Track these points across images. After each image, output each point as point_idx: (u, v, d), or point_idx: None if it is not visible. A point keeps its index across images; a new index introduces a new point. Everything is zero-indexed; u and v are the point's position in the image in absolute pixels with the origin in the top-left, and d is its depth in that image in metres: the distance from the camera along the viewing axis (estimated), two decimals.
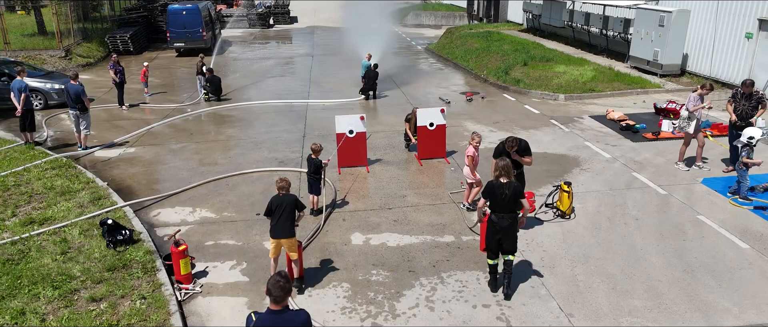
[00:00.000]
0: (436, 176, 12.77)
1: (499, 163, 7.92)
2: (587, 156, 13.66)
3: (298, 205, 8.00)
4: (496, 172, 7.88)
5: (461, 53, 28.12)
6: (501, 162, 7.92)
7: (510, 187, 7.76)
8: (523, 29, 33.84)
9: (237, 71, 26.81)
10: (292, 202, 7.92)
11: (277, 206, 7.88)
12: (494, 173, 7.94)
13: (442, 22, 44.59)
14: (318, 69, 26.96)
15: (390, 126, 16.74)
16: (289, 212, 7.88)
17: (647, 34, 20.99)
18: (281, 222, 7.86)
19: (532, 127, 16.11)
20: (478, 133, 10.71)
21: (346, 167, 13.31)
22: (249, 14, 42.89)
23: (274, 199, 7.97)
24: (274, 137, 15.83)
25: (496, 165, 7.93)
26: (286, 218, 7.87)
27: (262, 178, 12.91)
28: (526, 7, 32.37)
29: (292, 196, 8.01)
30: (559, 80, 20.44)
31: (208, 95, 20.45)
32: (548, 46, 27.29)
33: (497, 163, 7.95)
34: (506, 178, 7.81)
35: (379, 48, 24.91)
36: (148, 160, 14.17)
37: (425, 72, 25.76)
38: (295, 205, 7.96)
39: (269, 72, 26.36)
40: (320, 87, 22.70)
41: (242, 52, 33.11)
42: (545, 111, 17.80)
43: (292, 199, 7.96)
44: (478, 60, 25.87)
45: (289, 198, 7.94)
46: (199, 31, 31.24)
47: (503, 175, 7.81)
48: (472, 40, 30.41)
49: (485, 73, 23.51)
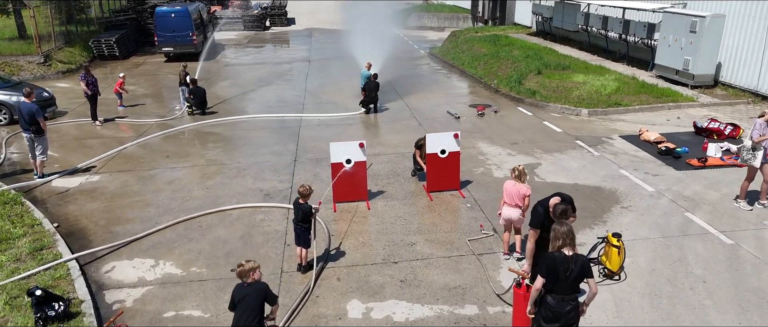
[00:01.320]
0: (449, 215, 10.59)
1: (560, 229, 5.77)
2: (626, 189, 11.47)
3: (268, 298, 5.77)
4: (559, 242, 5.74)
5: (468, 59, 25.93)
6: (562, 227, 5.78)
7: (576, 262, 5.64)
8: (531, 33, 31.63)
9: (227, 79, 24.61)
10: (259, 293, 5.70)
11: (241, 299, 5.68)
12: (555, 244, 5.79)
13: (445, 24, 42.38)
14: (315, 76, 24.76)
15: (393, 147, 14.55)
16: (255, 307, 5.65)
17: (676, 41, 18.80)
18: (245, 320, 5.62)
19: (555, 150, 13.92)
20: (515, 167, 8.56)
21: (343, 203, 11.14)
22: (244, 16, 40.66)
23: (237, 289, 5.76)
24: (261, 162, 13.65)
25: (557, 232, 5.78)
26: (251, 316, 5.63)
27: (243, 216, 10.73)
28: (536, 10, 30.18)
29: (261, 285, 5.78)
30: (580, 92, 18.25)
31: (191, 108, 18.27)
32: (562, 51, 25.09)
33: (558, 229, 5.79)
34: (571, 249, 5.68)
35: (379, 52, 22.77)
36: (112, 192, 11.98)
37: (430, 80, 23.57)
38: (264, 297, 5.73)
39: (262, 80, 24.16)
40: (316, 98, 20.52)
41: (235, 57, 30.90)
42: (568, 129, 15.61)
43: (260, 290, 5.72)
44: (487, 67, 23.68)
45: (257, 288, 5.72)
46: (189, 35, 29.04)
47: (567, 244, 5.69)
48: (479, 44, 28.21)
49: (496, 83, 21.32)
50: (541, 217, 7.26)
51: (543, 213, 7.24)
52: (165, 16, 28.93)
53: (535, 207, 7.40)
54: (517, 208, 8.48)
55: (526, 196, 8.48)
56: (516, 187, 8.42)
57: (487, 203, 10.98)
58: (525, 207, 8.49)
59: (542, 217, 7.25)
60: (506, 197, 8.50)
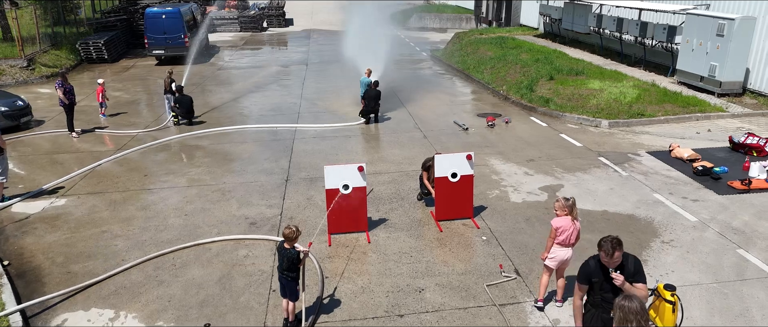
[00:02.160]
0: (462, 251, 9.05)
1: (630, 306, 4.33)
2: (664, 218, 9.93)
3: None
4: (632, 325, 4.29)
5: (473, 63, 24.38)
6: (633, 304, 4.33)
7: None
8: (538, 34, 30.08)
9: (220, 84, 23.07)
10: None
11: None
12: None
13: (448, 25, 40.84)
14: (312, 81, 23.21)
15: (396, 164, 13.01)
16: None
17: (700, 45, 17.25)
18: None
19: (577, 169, 12.38)
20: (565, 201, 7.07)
21: (340, 234, 9.61)
22: (240, 17, 39.09)
23: None
24: (249, 182, 12.11)
25: (627, 311, 4.32)
26: None
27: (224, 251, 9.19)
28: (544, 11, 28.62)
29: None
30: (597, 100, 16.71)
31: (177, 118, 16.72)
32: (572, 55, 23.54)
33: (628, 307, 4.34)
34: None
35: (379, 55, 21.24)
36: (77, 220, 10.44)
37: (433, 86, 22.02)
38: None
39: (256, 85, 22.62)
40: (313, 105, 18.97)
41: (229, 60, 29.34)
42: (588, 143, 14.07)
43: None
44: (495, 71, 22.14)
45: None
46: (180, 38, 27.49)
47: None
48: (484, 46, 26.67)
49: (505, 89, 19.77)
50: (592, 270, 5.76)
51: (594, 266, 5.75)
52: (155, 17, 27.39)
53: (586, 261, 5.90)
54: (571, 248, 7.11)
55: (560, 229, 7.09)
56: (575, 225, 7.02)
57: (505, 236, 9.45)
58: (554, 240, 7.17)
59: (592, 270, 5.75)
60: (561, 236, 7.03)
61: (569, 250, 7.19)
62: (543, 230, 9.55)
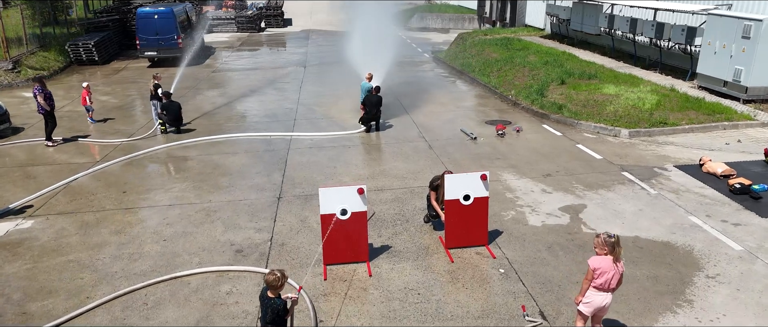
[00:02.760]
0: (477, 288, 7.83)
1: None
2: (705, 246, 8.71)
3: None
4: None
5: (479, 65, 23.14)
6: None
7: None
8: (545, 35, 28.84)
9: (213, 87, 21.84)
10: None
11: None
12: None
13: (450, 26, 39.60)
14: (310, 85, 21.98)
15: (400, 179, 11.78)
16: None
17: (724, 48, 16.02)
18: None
19: (600, 185, 11.14)
20: (607, 238, 5.87)
21: (337, 265, 8.39)
22: (238, 17, 37.84)
23: None
24: (237, 200, 10.88)
25: None
26: None
27: (204, 286, 7.98)
28: (551, 11, 27.37)
29: None
30: (614, 107, 15.48)
31: (164, 126, 15.49)
32: (583, 57, 22.30)
33: None
34: None
35: (380, 56, 20.05)
36: (43, 247, 9.21)
37: (437, 90, 20.79)
38: None
39: (251, 89, 21.39)
40: (310, 111, 17.74)
41: (225, 61, 28.10)
42: (609, 155, 12.84)
43: None
44: (501, 75, 20.91)
45: None
46: (173, 39, 26.26)
47: None
48: (490, 48, 25.44)
49: (514, 94, 18.54)
50: None
51: None
52: (147, 17, 26.15)
53: None
54: (611, 293, 5.93)
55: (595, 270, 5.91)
56: (617, 267, 5.86)
57: (525, 268, 8.23)
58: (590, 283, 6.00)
59: None
60: (600, 279, 5.84)
61: (608, 296, 6.00)
62: (568, 261, 8.34)
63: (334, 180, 11.74)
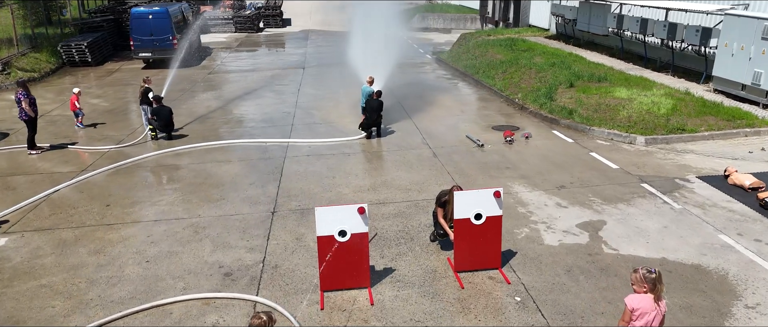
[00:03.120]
0: (492, 319, 6.99)
1: None
2: (740, 270, 7.87)
3: None
4: None
5: (483, 66, 22.32)
6: None
7: None
8: (550, 36, 28.00)
9: (209, 89, 21.02)
10: None
11: None
12: None
13: (452, 26, 38.76)
14: (308, 87, 21.15)
15: (403, 191, 10.96)
16: None
17: (742, 49, 15.19)
18: None
19: (619, 199, 10.31)
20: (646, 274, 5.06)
21: (334, 292, 7.57)
22: (235, 17, 36.99)
23: None
24: (228, 214, 10.06)
25: None
26: None
27: (188, 316, 7.14)
28: (556, 11, 26.53)
29: None
30: (628, 112, 14.65)
31: (155, 133, 14.67)
32: (590, 58, 21.47)
33: None
34: None
35: (380, 57, 19.23)
36: (14, 268, 8.38)
37: (441, 92, 19.97)
38: None
39: (248, 91, 20.57)
40: (309, 115, 16.92)
41: (221, 63, 27.27)
42: (626, 164, 12.01)
43: None
44: (507, 77, 20.08)
45: None
46: (168, 39, 25.41)
47: None
48: (494, 49, 24.62)
49: (521, 97, 17.71)
50: None
51: None
52: (141, 17, 25.31)
53: None
54: None
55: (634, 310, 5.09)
56: (659, 307, 5.05)
57: (544, 295, 7.40)
58: None
59: None
60: (639, 321, 5.05)
61: None
62: (590, 287, 7.51)
63: (333, 192, 10.92)
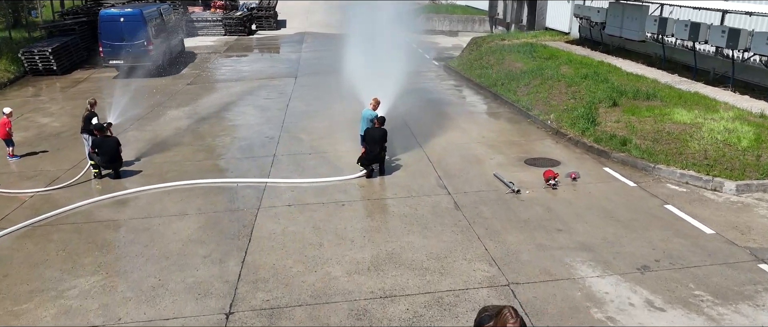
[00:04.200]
0: None
1: None
2: None
3: None
4: None
5: (501, 78, 18.97)
6: None
7: None
8: (571, 40, 24.60)
9: (183, 104, 17.67)
10: None
11: None
12: None
13: (459, 28, 35.37)
14: (299, 102, 17.82)
15: (419, 271, 7.58)
16: None
17: None
18: None
19: (737, 294, 6.90)
20: None
21: None
22: (225, 19, 33.60)
23: None
24: (160, 318, 6.70)
25: None
26: None
27: None
28: (580, 12, 23.11)
29: None
30: (699, 143, 11.27)
31: (98, 169, 11.33)
32: (626, 68, 18.07)
33: None
34: None
35: (382, 64, 15.88)
36: None
37: (454, 110, 16.65)
38: None
39: (227, 107, 17.25)
40: (296, 141, 13.59)
41: (204, 71, 23.89)
42: (723, 227, 8.61)
43: None
44: (532, 91, 16.73)
45: None
46: (143, 45, 22.05)
47: None
48: (511, 56, 21.25)
49: (554, 119, 14.36)
50: None
51: None
52: (112, 20, 21.96)
53: None
54: None
55: None
56: None
57: None
58: None
59: None
60: None
61: None
62: None
63: (319, 274, 7.57)
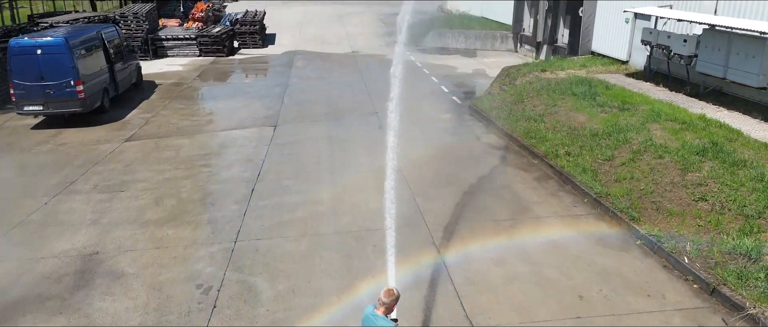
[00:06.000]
0: None
1: None
2: None
3: None
4: None
5: (563, 140, 13.03)
6: None
7: None
8: (633, 73, 18.50)
9: (91, 193, 11.61)
10: None
11: None
12: None
13: (477, 46, 29.23)
14: (272, 180, 11.77)
15: None
16: None
17: None
18: None
19: None
20: None
21: None
22: (200, 36, 27.43)
23: None
24: None
25: None
26: None
27: None
28: (652, 39, 16.93)
29: None
30: None
31: None
32: (750, 131, 12.03)
33: None
34: None
35: (386, 104, 9.92)
36: None
37: (494, 196, 10.59)
38: None
39: (159, 200, 11.21)
40: (252, 294, 7.54)
41: (151, 116, 17.73)
42: None
43: None
44: (623, 175, 10.74)
45: None
46: (70, 85, 15.99)
47: None
48: (564, 100, 15.28)
49: (691, 254, 8.30)
50: None
51: None
52: (26, 53, 15.84)
53: None
54: None
55: None
56: None
57: None
58: None
59: None
60: None
61: None
62: None
63: None
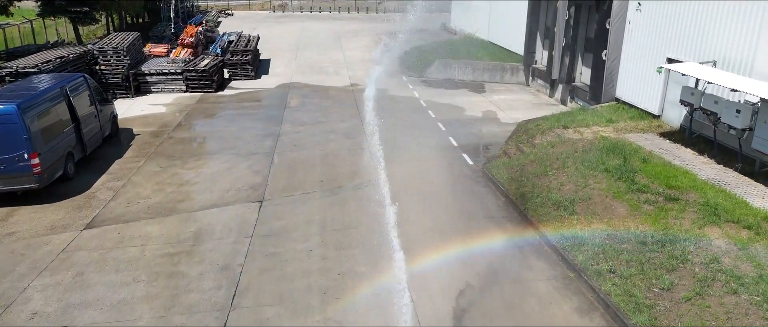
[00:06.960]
0: None
1: None
2: None
3: None
4: None
5: (602, 247, 10.62)
6: None
7: None
8: (667, 132, 16.10)
9: (28, 307, 9.29)
10: None
11: None
12: None
13: (485, 78, 26.83)
14: (246, 313, 9.38)
15: None
16: None
17: None
18: None
19: None
20: None
21: None
22: (186, 71, 25.02)
23: None
24: None
25: None
26: None
27: None
28: (694, 101, 14.44)
29: None
30: None
31: None
32: None
33: None
34: None
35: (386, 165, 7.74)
36: None
37: None
38: None
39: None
40: None
41: (121, 184, 15.30)
42: None
43: None
44: (691, 319, 8.34)
45: None
46: (23, 159, 13.67)
47: None
48: (595, 180, 12.95)
49: None
50: None
51: None
52: None
53: None
54: None
55: None
56: None
57: None
58: None
59: None
60: None
61: None
62: None
63: None
